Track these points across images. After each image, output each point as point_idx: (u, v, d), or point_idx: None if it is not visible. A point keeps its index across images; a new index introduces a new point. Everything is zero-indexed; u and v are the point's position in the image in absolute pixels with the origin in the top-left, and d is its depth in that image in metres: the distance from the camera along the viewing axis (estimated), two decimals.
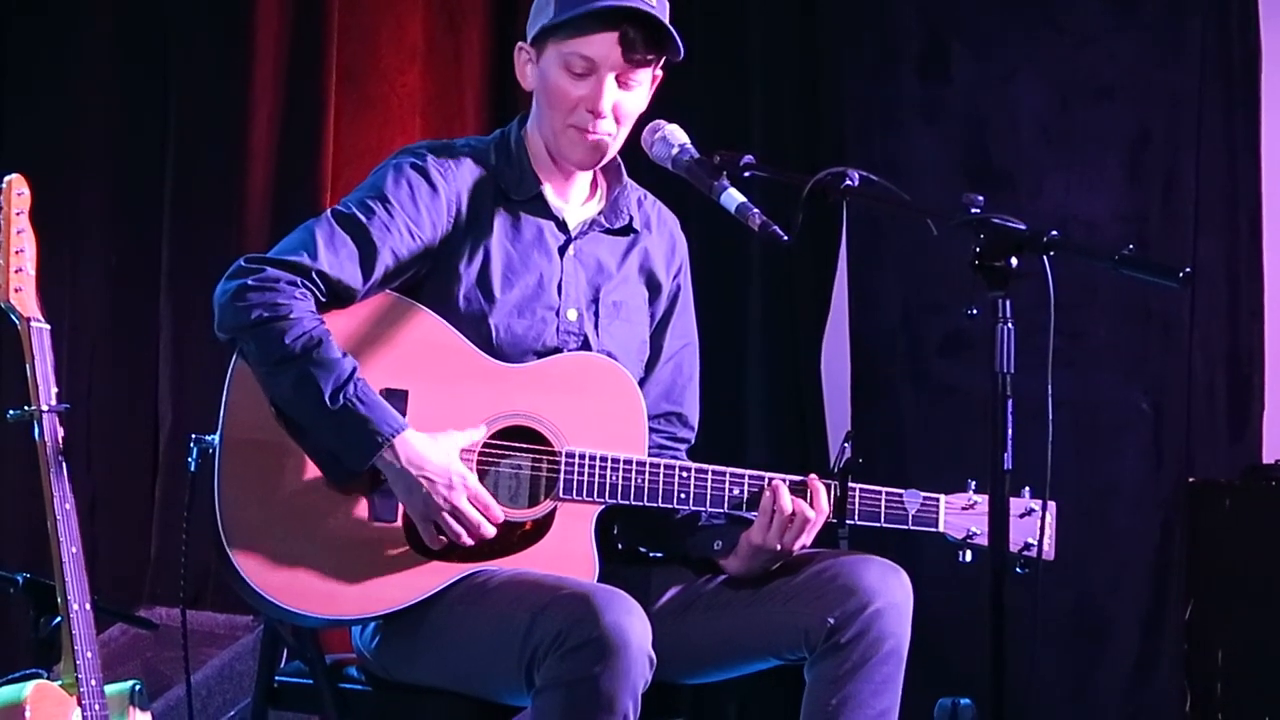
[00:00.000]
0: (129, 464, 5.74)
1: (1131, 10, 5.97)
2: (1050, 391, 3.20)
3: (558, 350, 3.74)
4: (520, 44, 3.78)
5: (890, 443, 6.00)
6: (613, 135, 3.74)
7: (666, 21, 3.67)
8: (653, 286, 3.91)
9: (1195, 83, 5.91)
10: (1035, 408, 3.22)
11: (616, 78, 3.70)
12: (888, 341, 6.14)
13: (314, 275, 3.58)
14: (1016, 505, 3.67)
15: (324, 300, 3.60)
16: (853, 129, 6.14)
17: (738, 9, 6.09)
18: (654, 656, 3.41)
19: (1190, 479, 5.74)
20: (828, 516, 3.68)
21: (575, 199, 3.84)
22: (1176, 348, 5.91)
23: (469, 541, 3.57)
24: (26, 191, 3.66)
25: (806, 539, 3.66)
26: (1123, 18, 5.98)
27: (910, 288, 6.08)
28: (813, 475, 3.69)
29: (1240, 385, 5.91)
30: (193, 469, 3.63)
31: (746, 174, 3.58)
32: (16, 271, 3.61)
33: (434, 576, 3.58)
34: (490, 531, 3.58)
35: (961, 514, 3.74)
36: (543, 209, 3.79)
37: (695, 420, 3.97)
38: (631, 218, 3.87)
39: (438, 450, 3.56)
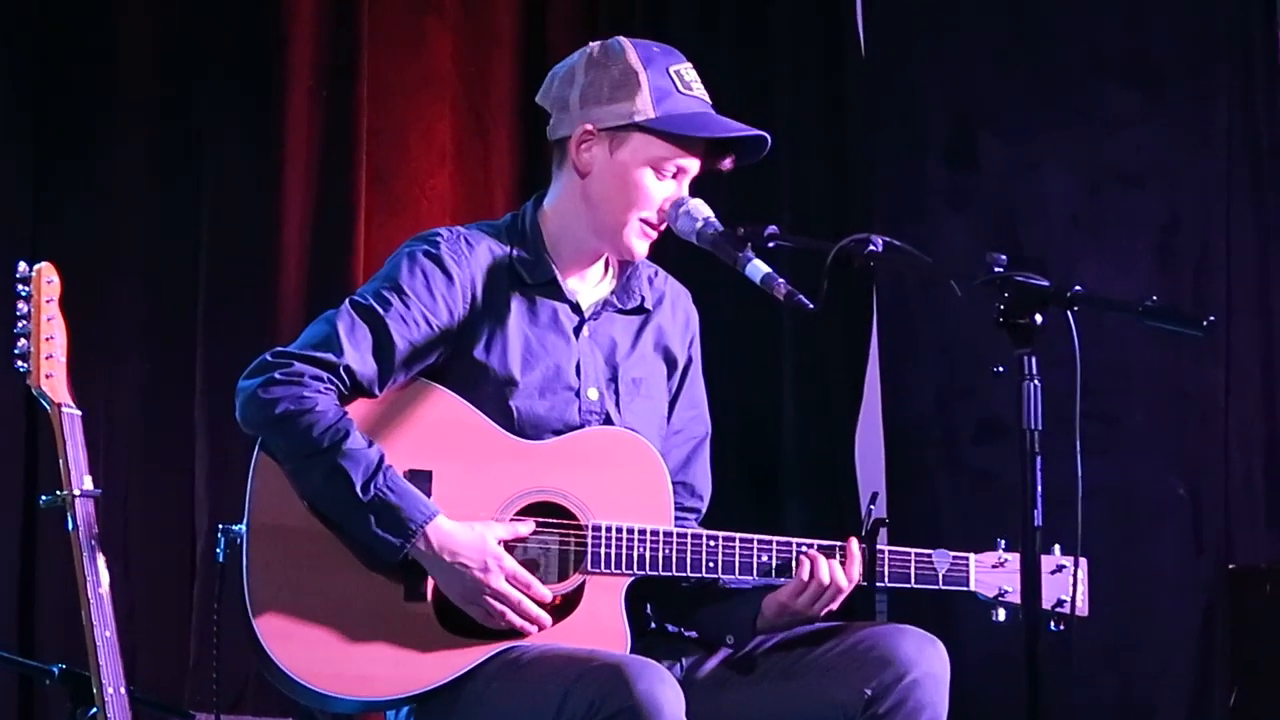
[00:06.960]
0: (167, 569, 5.72)
1: (1158, 97, 6.00)
2: (1079, 448, 3.18)
3: (581, 429, 3.74)
4: (587, 125, 3.72)
5: (927, 530, 5.96)
6: None
7: (760, 130, 3.76)
8: (670, 362, 3.90)
9: (1224, 167, 5.94)
10: (1067, 495, 3.21)
11: None
12: (921, 429, 6.14)
13: (341, 371, 3.61)
14: (1047, 563, 3.65)
15: (346, 394, 3.62)
16: (881, 216, 6.13)
17: (766, 96, 6.12)
18: None
19: (1230, 565, 5.71)
20: (859, 580, 3.67)
21: (589, 280, 3.85)
22: (1212, 432, 5.90)
23: (517, 620, 3.57)
24: (56, 279, 3.69)
25: (835, 605, 3.66)
26: (1149, 105, 6.01)
27: (943, 375, 6.07)
28: (851, 539, 3.68)
29: (1278, 469, 5.88)
30: (220, 559, 3.63)
31: (771, 244, 3.59)
32: (47, 358, 3.63)
33: (466, 654, 3.58)
34: (538, 613, 3.58)
35: (992, 572, 3.74)
36: (556, 292, 3.79)
37: (706, 490, 3.94)
38: (644, 297, 3.87)
39: (471, 534, 3.57)
